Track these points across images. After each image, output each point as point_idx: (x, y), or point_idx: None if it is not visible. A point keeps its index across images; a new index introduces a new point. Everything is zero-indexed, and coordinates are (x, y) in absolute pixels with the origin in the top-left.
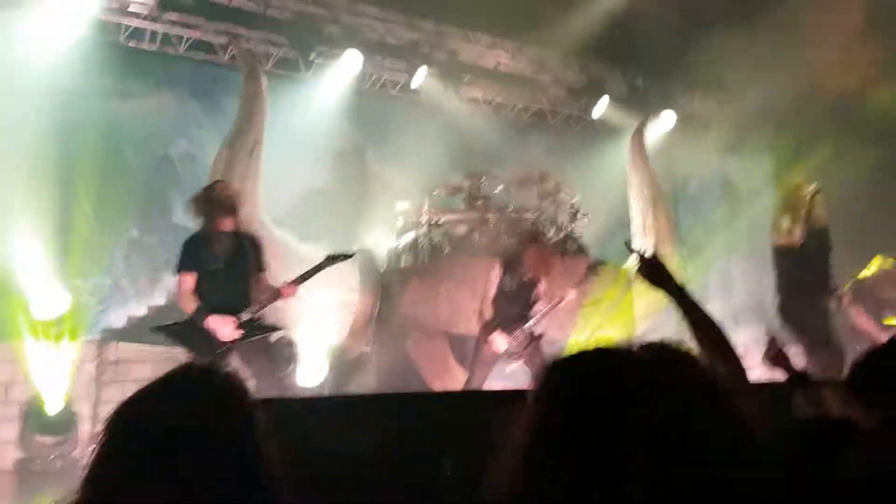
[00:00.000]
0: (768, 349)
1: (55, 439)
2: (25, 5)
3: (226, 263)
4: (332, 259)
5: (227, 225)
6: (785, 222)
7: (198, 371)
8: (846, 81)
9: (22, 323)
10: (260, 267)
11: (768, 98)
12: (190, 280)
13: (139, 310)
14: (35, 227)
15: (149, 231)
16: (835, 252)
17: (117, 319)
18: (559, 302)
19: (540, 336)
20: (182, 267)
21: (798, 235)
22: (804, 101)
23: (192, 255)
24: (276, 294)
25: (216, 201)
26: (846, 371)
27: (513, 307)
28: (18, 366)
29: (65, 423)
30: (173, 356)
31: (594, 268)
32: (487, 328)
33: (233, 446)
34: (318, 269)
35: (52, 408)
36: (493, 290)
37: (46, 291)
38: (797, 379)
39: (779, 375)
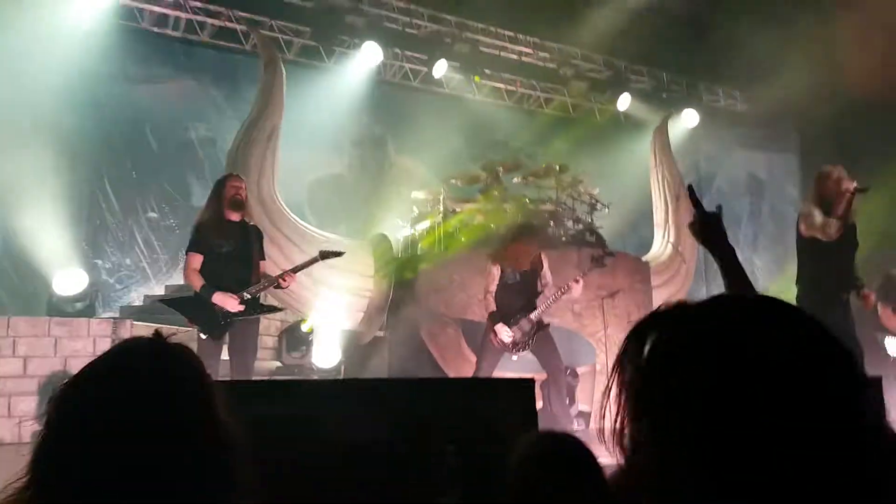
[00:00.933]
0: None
1: None
2: None
3: (233, 248)
4: (323, 255)
5: (234, 216)
6: (818, 215)
7: (146, 345)
8: (873, 80)
9: (42, 299)
10: (261, 255)
11: (793, 94)
12: (197, 260)
13: (158, 289)
14: (56, 206)
15: (168, 213)
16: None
17: (136, 298)
18: (563, 292)
19: (546, 325)
20: (192, 247)
21: (834, 230)
22: (830, 99)
23: (203, 237)
24: (275, 280)
25: (225, 196)
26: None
27: (518, 298)
28: (38, 340)
29: None
30: (185, 335)
31: (599, 259)
32: (492, 320)
33: (185, 423)
34: (311, 262)
35: None
36: (493, 285)
37: (66, 269)
38: None
39: None
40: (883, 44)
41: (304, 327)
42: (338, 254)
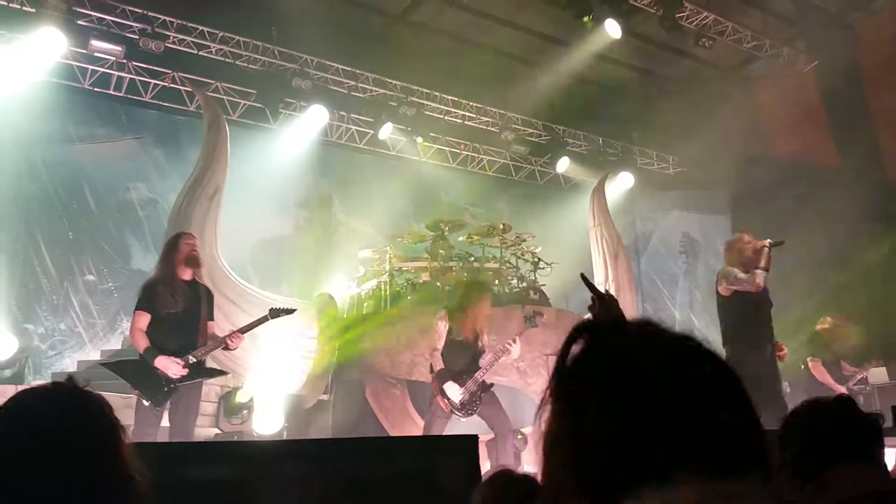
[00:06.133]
0: None
1: None
2: None
3: (181, 309)
4: (274, 313)
5: (187, 275)
6: (740, 273)
7: (53, 391)
8: (795, 148)
9: None
10: (210, 316)
11: (722, 160)
12: (145, 319)
13: (93, 354)
14: None
15: (107, 275)
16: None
17: (70, 364)
18: (500, 355)
19: (490, 386)
20: (140, 306)
21: (762, 279)
22: (754, 165)
23: (152, 295)
24: (222, 341)
25: (180, 253)
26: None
27: (463, 357)
28: None
29: None
30: (122, 401)
31: (531, 319)
32: (439, 378)
33: (89, 467)
34: (260, 321)
35: None
36: (441, 342)
37: None
38: None
39: None
40: (799, 114)
41: (242, 397)
42: (289, 311)
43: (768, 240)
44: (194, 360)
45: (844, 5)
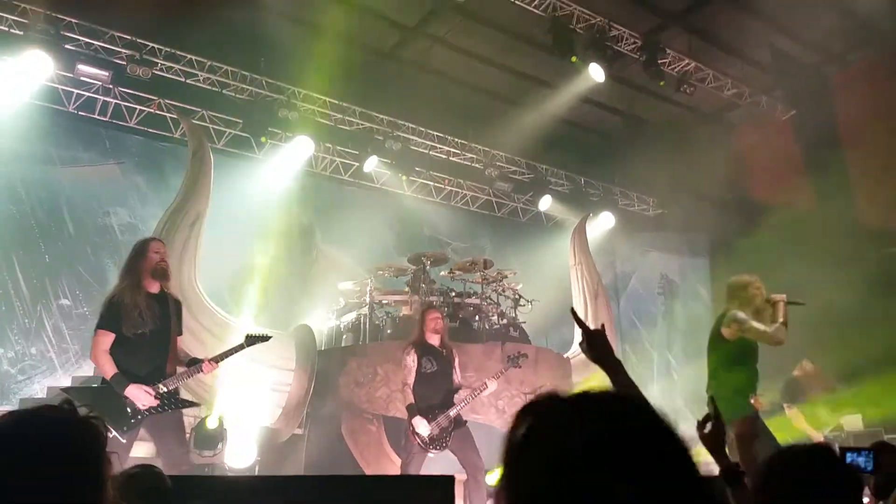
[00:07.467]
0: (704, 423)
1: None
2: None
3: (151, 328)
4: (250, 340)
5: (154, 287)
6: (753, 322)
7: (48, 415)
8: (773, 193)
9: None
10: (179, 331)
11: (700, 204)
12: (108, 340)
13: (64, 380)
14: None
15: (82, 300)
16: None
17: (39, 390)
18: (479, 392)
19: (464, 423)
20: (104, 325)
21: (783, 335)
22: (733, 209)
23: (117, 313)
24: (197, 369)
25: (146, 263)
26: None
27: (436, 391)
28: None
29: None
30: None
31: (514, 359)
32: (410, 412)
33: (72, 494)
34: (236, 349)
35: None
36: (411, 377)
37: None
38: (729, 473)
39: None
40: (778, 160)
41: (211, 422)
42: (264, 338)
43: (784, 295)
44: (165, 389)
45: (819, 58)
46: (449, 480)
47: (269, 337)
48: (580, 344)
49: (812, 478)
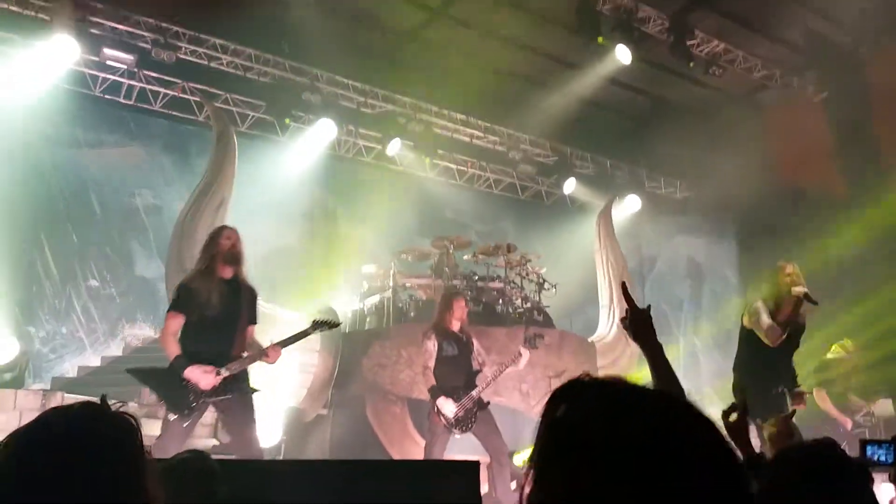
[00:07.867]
0: (730, 412)
1: None
2: (2, 49)
3: (221, 312)
4: (317, 325)
5: (228, 272)
6: (765, 317)
7: (80, 412)
8: (803, 177)
9: None
10: (252, 319)
11: (729, 185)
12: (178, 322)
13: (94, 360)
14: None
15: (110, 281)
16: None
17: (70, 369)
18: (509, 364)
19: (487, 404)
20: (174, 307)
21: (776, 338)
22: (762, 192)
23: (188, 296)
24: (262, 354)
25: (220, 249)
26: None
27: (457, 373)
28: None
29: None
30: (144, 410)
31: (532, 340)
32: (433, 394)
33: (115, 492)
34: (303, 334)
35: None
36: (432, 360)
37: None
38: (752, 461)
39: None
40: (807, 142)
41: None
42: (333, 324)
43: (804, 290)
44: (227, 373)
45: (854, 39)
46: (474, 466)
47: (339, 323)
48: (621, 320)
49: (813, 477)
